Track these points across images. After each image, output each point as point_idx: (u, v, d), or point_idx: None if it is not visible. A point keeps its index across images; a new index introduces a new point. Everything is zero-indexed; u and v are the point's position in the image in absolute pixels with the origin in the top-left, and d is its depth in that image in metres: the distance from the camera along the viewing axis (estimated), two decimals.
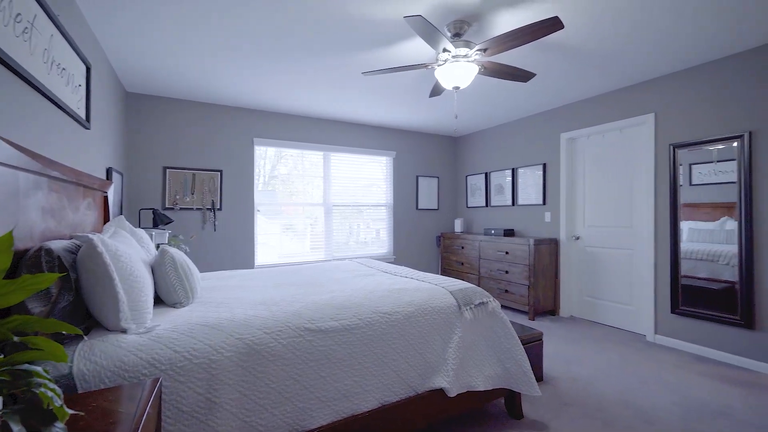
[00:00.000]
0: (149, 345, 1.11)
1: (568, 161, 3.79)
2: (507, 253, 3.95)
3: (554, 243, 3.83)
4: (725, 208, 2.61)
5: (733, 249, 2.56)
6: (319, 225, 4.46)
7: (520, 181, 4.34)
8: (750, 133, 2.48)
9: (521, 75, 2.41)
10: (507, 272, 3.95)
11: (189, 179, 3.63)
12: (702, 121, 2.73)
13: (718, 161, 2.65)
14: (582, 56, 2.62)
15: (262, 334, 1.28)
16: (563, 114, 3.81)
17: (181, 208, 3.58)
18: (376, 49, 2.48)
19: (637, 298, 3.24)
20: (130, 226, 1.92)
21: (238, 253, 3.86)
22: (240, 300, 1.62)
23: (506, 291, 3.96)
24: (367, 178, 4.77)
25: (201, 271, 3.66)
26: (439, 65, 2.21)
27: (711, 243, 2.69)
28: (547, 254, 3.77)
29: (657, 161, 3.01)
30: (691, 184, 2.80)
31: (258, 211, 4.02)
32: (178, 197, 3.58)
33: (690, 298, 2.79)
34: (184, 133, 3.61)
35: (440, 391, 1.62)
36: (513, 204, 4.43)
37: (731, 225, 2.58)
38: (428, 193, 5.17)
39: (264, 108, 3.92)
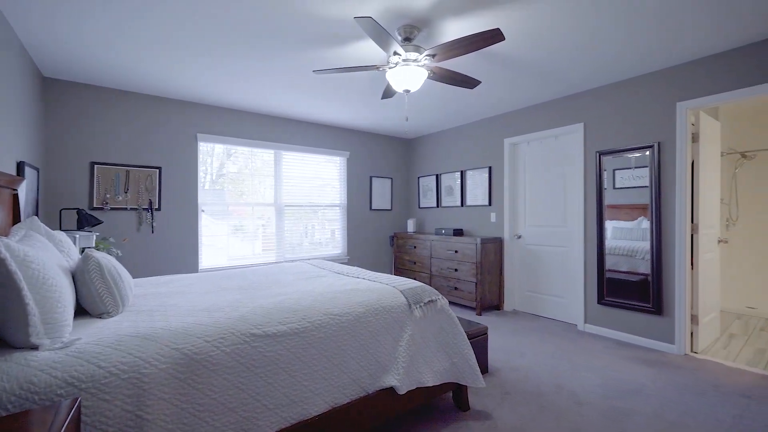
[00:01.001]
0: (67, 361, 0.99)
1: (511, 165, 4.05)
2: (456, 252, 4.12)
3: (499, 242, 4.07)
4: (641, 209, 2.96)
5: (647, 245, 2.92)
6: (272, 226, 4.30)
7: (468, 183, 4.55)
8: (659, 144, 2.84)
9: (468, 82, 2.52)
10: (456, 270, 4.12)
11: (122, 176, 3.30)
12: (622, 131, 3.07)
13: (635, 167, 2.99)
14: (523, 67, 2.81)
15: (202, 342, 1.21)
16: (507, 120, 4.06)
17: (112, 209, 3.25)
18: (329, 47, 2.46)
19: (570, 291, 3.55)
20: (46, 228, 1.70)
21: (180, 256, 3.60)
22: (178, 307, 1.51)
23: (455, 288, 4.13)
24: (321, 178, 4.69)
25: (136, 277, 3.35)
26: (390, 68, 2.24)
27: (630, 240, 3.03)
28: (493, 252, 3.99)
29: (586, 167, 3.33)
30: (614, 188, 3.13)
31: (202, 211, 3.78)
32: (108, 196, 3.24)
33: (613, 289, 3.12)
34: (116, 126, 3.27)
35: (391, 390, 1.64)
36: (462, 205, 4.63)
37: (646, 224, 2.93)
38: (382, 194, 5.22)
39: (210, 102, 3.69)
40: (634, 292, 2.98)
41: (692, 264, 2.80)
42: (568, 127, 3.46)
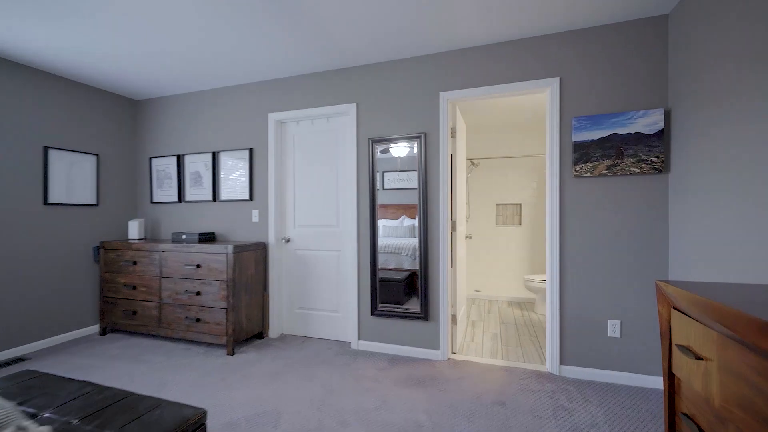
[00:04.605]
0: None
1: (277, 148, 3.15)
2: (199, 266, 2.82)
3: (262, 248, 3.08)
4: (404, 209, 2.73)
5: (411, 242, 2.69)
6: None
7: (222, 169, 3.33)
8: (425, 135, 2.64)
9: None
10: (199, 293, 2.83)
11: None
12: (393, 117, 2.74)
13: (400, 171, 2.73)
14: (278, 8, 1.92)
15: None
16: (272, 90, 3.13)
17: None
18: None
19: (344, 303, 3.00)
20: None
21: None
22: None
23: (198, 320, 2.83)
24: None
25: None
26: None
27: (396, 237, 2.75)
28: (253, 263, 2.96)
29: (359, 155, 2.84)
30: (384, 189, 2.78)
31: None
32: None
33: (384, 293, 2.76)
34: None
35: None
36: (215, 199, 3.36)
37: (408, 222, 2.71)
38: (78, 179, 3.17)
39: None
40: (402, 292, 2.70)
41: (452, 262, 2.76)
42: (341, 106, 2.88)
